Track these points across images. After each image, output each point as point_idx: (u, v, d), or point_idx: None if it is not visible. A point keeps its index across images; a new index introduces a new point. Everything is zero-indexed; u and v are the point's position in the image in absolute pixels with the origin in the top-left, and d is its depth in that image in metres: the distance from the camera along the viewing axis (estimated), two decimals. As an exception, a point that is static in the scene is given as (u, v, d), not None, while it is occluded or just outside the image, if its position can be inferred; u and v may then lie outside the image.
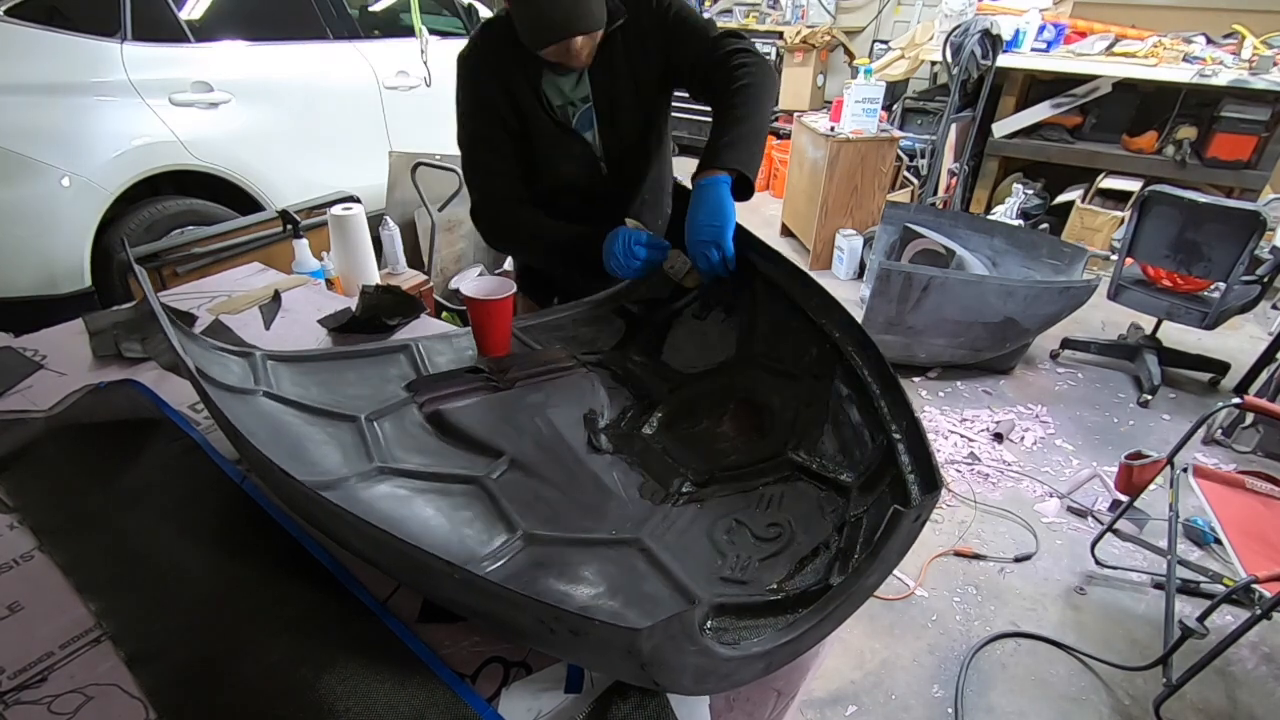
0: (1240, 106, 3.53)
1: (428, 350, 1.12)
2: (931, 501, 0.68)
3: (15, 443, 0.97)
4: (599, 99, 1.23)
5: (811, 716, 1.62)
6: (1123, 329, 3.26)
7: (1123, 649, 1.80)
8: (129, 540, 0.82)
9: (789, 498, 0.84)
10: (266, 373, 0.98)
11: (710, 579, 0.75)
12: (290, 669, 0.68)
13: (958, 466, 2.47)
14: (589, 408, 1.01)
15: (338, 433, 0.92)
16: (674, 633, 0.52)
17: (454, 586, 0.63)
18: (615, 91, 1.23)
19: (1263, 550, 1.53)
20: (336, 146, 3.01)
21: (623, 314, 1.20)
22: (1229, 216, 2.43)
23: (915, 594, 1.95)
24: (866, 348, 0.89)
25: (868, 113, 3.70)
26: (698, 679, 0.61)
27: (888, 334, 2.78)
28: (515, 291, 1.10)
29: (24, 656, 0.69)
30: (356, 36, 3.03)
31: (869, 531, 0.72)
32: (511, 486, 0.87)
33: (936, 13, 4.28)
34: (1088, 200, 4.04)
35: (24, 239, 2.20)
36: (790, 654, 0.66)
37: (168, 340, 0.82)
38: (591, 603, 0.72)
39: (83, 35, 2.28)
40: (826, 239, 3.94)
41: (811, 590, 0.70)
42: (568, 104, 1.24)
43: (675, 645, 0.54)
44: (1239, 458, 2.53)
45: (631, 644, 0.53)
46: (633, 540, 0.80)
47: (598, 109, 1.24)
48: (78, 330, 1.28)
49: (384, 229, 2.37)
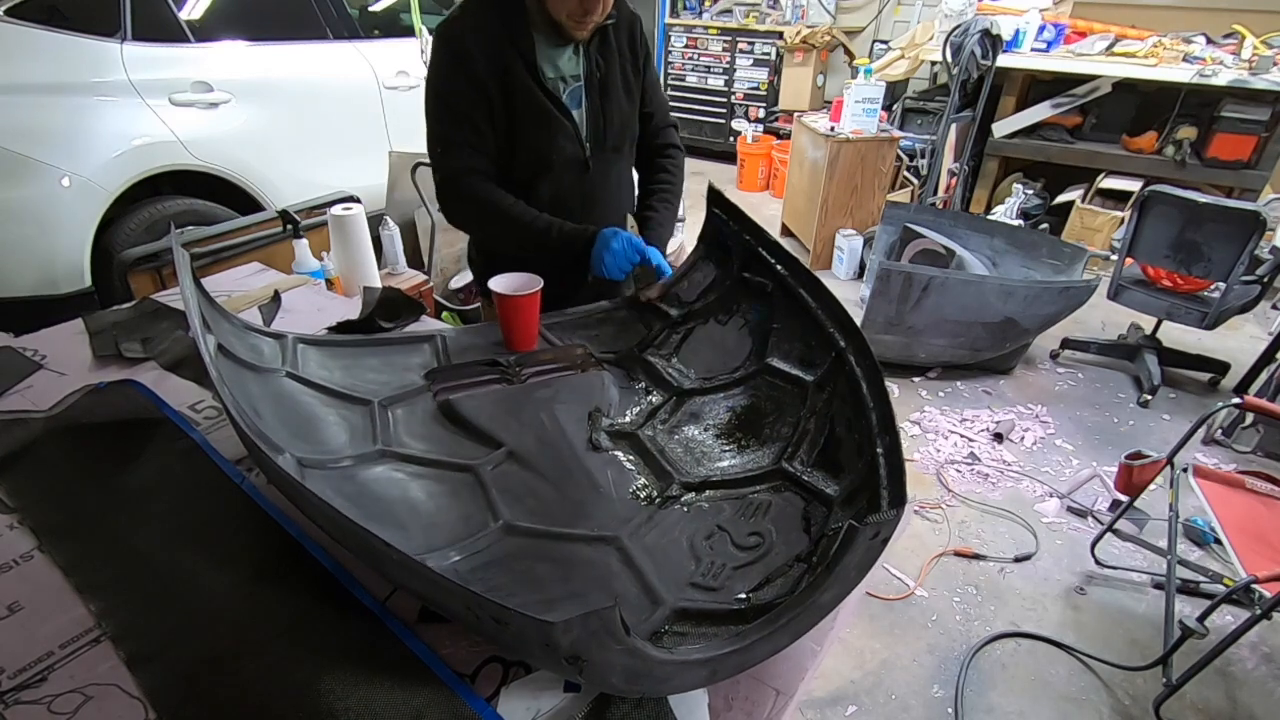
0: (1240, 106, 3.53)
1: (453, 342, 1.14)
2: (892, 519, 0.66)
3: (15, 443, 0.97)
4: (590, 82, 1.24)
5: (811, 716, 1.62)
6: (1123, 329, 3.26)
7: (1123, 649, 1.80)
8: (129, 540, 0.82)
9: (776, 508, 0.85)
10: (295, 355, 1.02)
11: (680, 583, 0.76)
12: (290, 669, 0.68)
13: (958, 466, 2.47)
14: (595, 405, 1.02)
15: (350, 415, 0.95)
16: (594, 629, 0.52)
17: (395, 568, 0.64)
18: (608, 77, 1.25)
19: (1263, 550, 1.53)
20: (336, 146, 3.01)
21: (645, 314, 1.21)
22: (1229, 216, 2.43)
23: (915, 594, 1.95)
24: (866, 357, 0.89)
25: (868, 113, 3.70)
26: (629, 679, 0.61)
27: (888, 334, 2.78)
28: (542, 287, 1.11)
29: (24, 656, 0.69)
30: (356, 36, 3.03)
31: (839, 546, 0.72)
32: (504, 478, 0.89)
33: (936, 13, 4.27)
34: (1088, 200, 4.04)
35: (24, 239, 2.20)
36: (737, 664, 0.66)
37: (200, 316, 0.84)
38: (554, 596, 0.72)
39: (83, 35, 2.28)
40: (826, 239, 3.94)
41: (776, 602, 0.69)
42: (559, 78, 1.23)
43: (599, 642, 0.54)
44: (1239, 458, 2.53)
45: (548, 636, 0.53)
46: (611, 539, 0.81)
47: (588, 88, 1.25)
48: (78, 330, 1.28)
49: (384, 229, 2.37)
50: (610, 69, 1.26)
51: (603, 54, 1.25)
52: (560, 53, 1.22)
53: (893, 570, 2.01)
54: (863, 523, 0.67)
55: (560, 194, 1.29)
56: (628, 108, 1.31)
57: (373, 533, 0.57)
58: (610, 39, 1.25)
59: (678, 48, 5.74)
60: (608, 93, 1.26)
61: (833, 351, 0.93)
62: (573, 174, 1.29)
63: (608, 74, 1.26)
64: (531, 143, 1.23)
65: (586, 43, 1.22)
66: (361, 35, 3.06)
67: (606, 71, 1.25)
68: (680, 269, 1.23)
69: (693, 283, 1.21)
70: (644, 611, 0.72)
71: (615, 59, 1.27)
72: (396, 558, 0.57)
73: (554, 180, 1.28)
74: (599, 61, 1.24)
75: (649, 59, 1.35)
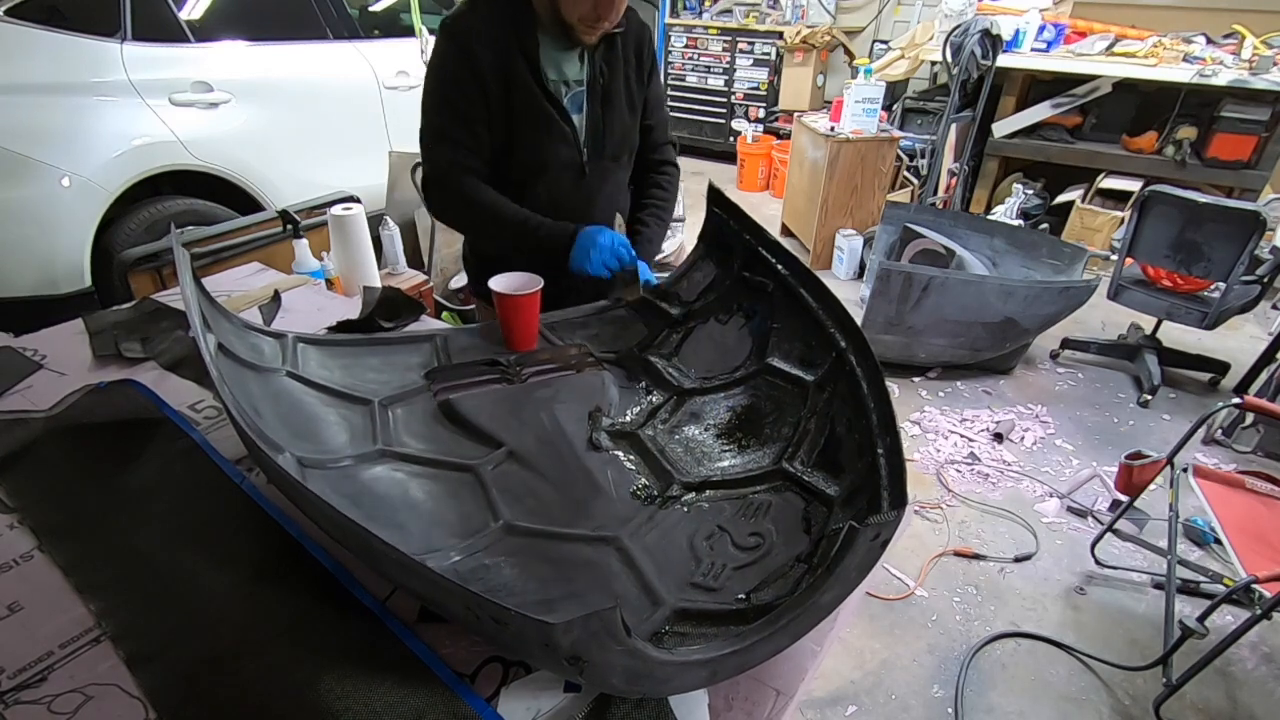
0: (1240, 106, 3.53)
1: (452, 341, 1.14)
2: (893, 520, 0.66)
3: (15, 443, 0.97)
4: (592, 88, 1.23)
5: (811, 716, 1.62)
6: (1123, 329, 3.26)
7: (1123, 649, 1.80)
8: (129, 540, 0.82)
9: (776, 508, 0.85)
10: (295, 354, 1.02)
11: (681, 583, 0.76)
12: (290, 669, 0.68)
13: (958, 466, 2.47)
14: (595, 405, 1.02)
15: (350, 415, 0.95)
16: (595, 629, 0.52)
17: (395, 568, 0.64)
18: (612, 84, 1.25)
19: (1263, 550, 1.53)
20: (337, 146, 3.01)
21: (646, 314, 1.21)
22: (1229, 216, 2.43)
23: (915, 594, 1.95)
24: (867, 357, 0.89)
25: (868, 113, 3.70)
26: (629, 680, 0.61)
27: (888, 334, 2.78)
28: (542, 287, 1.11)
29: (24, 656, 0.69)
30: (356, 36, 3.03)
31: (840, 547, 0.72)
32: (505, 477, 0.89)
33: (936, 13, 4.28)
34: (1088, 200, 4.04)
35: (24, 239, 2.20)
36: (737, 665, 0.65)
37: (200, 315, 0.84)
38: (554, 596, 0.72)
39: (83, 35, 2.28)
40: (826, 239, 3.94)
41: (776, 603, 0.69)
42: (562, 81, 1.23)
43: (599, 643, 0.54)
44: (1239, 458, 2.53)
45: (549, 637, 0.53)
46: (612, 539, 0.81)
47: (590, 94, 1.24)
48: (78, 330, 1.28)
49: (384, 229, 2.37)
50: (614, 77, 1.25)
51: (608, 62, 1.24)
52: (565, 56, 1.22)
53: (893, 570, 2.01)
54: (863, 524, 0.66)
55: (555, 199, 1.28)
56: (629, 118, 1.30)
57: (372, 533, 0.57)
58: (617, 47, 1.25)
59: (678, 48, 5.74)
60: (610, 101, 1.25)
61: (833, 351, 0.93)
62: (569, 179, 1.28)
63: (611, 82, 1.25)
64: (528, 144, 1.23)
65: (593, 49, 1.21)
66: (361, 35, 3.06)
67: (610, 79, 1.25)
68: (680, 268, 1.23)
69: (693, 282, 1.21)
70: (644, 612, 0.72)
71: (620, 68, 1.26)
72: (396, 558, 0.57)
73: (549, 184, 1.28)
74: (604, 69, 1.23)
75: (655, 72, 1.34)
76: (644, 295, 1.22)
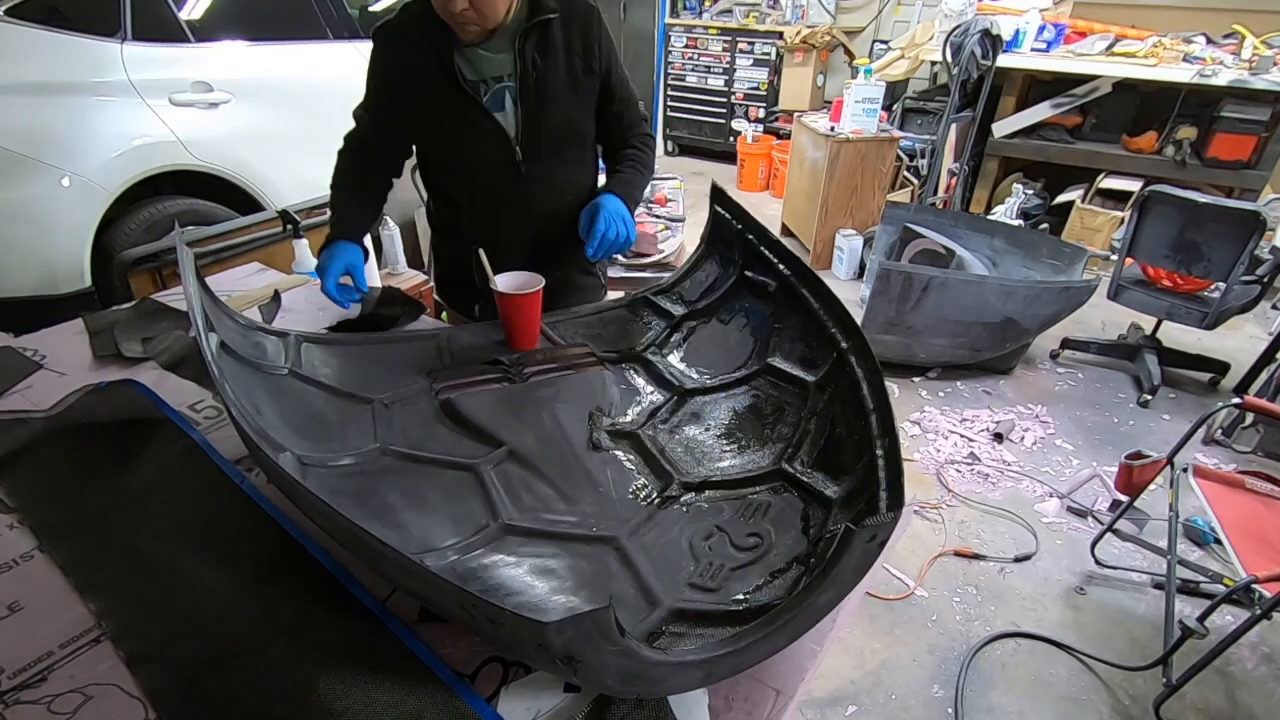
0: (1240, 106, 3.53)
1: (454, 341, 1.14)
2: (890, 521, 0.66)
3: (15, 443, 0.97)
4: (524, 82, 1.19)
5: (811, 716, 1.62)
6: (1123, 329, 3.26)
7: (1123, 649, 1.80)
8: (129, 540, 0.82)
9: (775, 509, 0.85)
10: (299, 353, 1.02)
11: (678, 584, 0.76)
12: (290, 669, 0.68)
13: (958, 466, 2.47)
14: (596, 404, 1.02)
15: (352, 413, 0.95)
16: (588, 630, 0.52)
17: (392, 568, 0.64)
18: (546, 76, 1.20)
19: (1263, 550, 1.53)
20: (337, 146, 2.99)
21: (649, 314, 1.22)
22: (1229, 216, 2.43)
23: (915, 594, 1.95)
24: (867, 359, 0.89)
25: (868, 113, 3.70)
26: (624, 680, 0.61)
27: (888, 334, 2.78)
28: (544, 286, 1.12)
29: (24, 656, 0.69)
30: (356, 36, 3.03)
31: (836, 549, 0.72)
32: (505, 476, 0.89)
33: (936, 13, 4.27)
34: (1088, 200, 4.04)
35: (24, 239, 2.19)
36: (733, 666, 0.65)
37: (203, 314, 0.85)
38: (550, 596, 0.72)
39: (83, 35, 2.28)
40: (826, 239, 3.94)
41: (773, 603, 0.69)
42: (480, 80, 1.21)
43: (592, 643, 0.54)
44: (1239, 458, 2.53)
45: (542, 637, 0.53)
46: (610, 539, 0.81)
47: (521, 90, 1.20)
48: (78, 330, 1.28)
49: (384, 229, 2.37)
50: (551, 69, 1.20)
51: (541, 53, 1.19)
52: (490, 55, 1.19)
53: (893, 570, 2.01)
54: (860, 525, 0.66)
55: (491, 198, 1.28)
56: (573, 109, 1.26)
57: (369, 532, 0.57)
58: (553, 36, 1.19)
59: (678, 48, 5.74)
60: (544, 94, 1.21)
61: (834, 352, 0.93)
62: (503, 178, 1.26)
63: (545, 74, 1.20)
64: (449, 144, 1.26)
65: (522, 41, 1.17)
66: (361, 35, 3.05)
67: (544, 71, 1.20)
68: (683, 267, 1.23)
69: (695, 281, 1.21)
70: (641, 612, 0.72)
71: (559, 57, 1.20)
72: (393, 557, 0.57)
73: (481, 183, 1.28)
74: (536, 61, 1.18)
75: (609, 55, 1.27)
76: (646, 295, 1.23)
